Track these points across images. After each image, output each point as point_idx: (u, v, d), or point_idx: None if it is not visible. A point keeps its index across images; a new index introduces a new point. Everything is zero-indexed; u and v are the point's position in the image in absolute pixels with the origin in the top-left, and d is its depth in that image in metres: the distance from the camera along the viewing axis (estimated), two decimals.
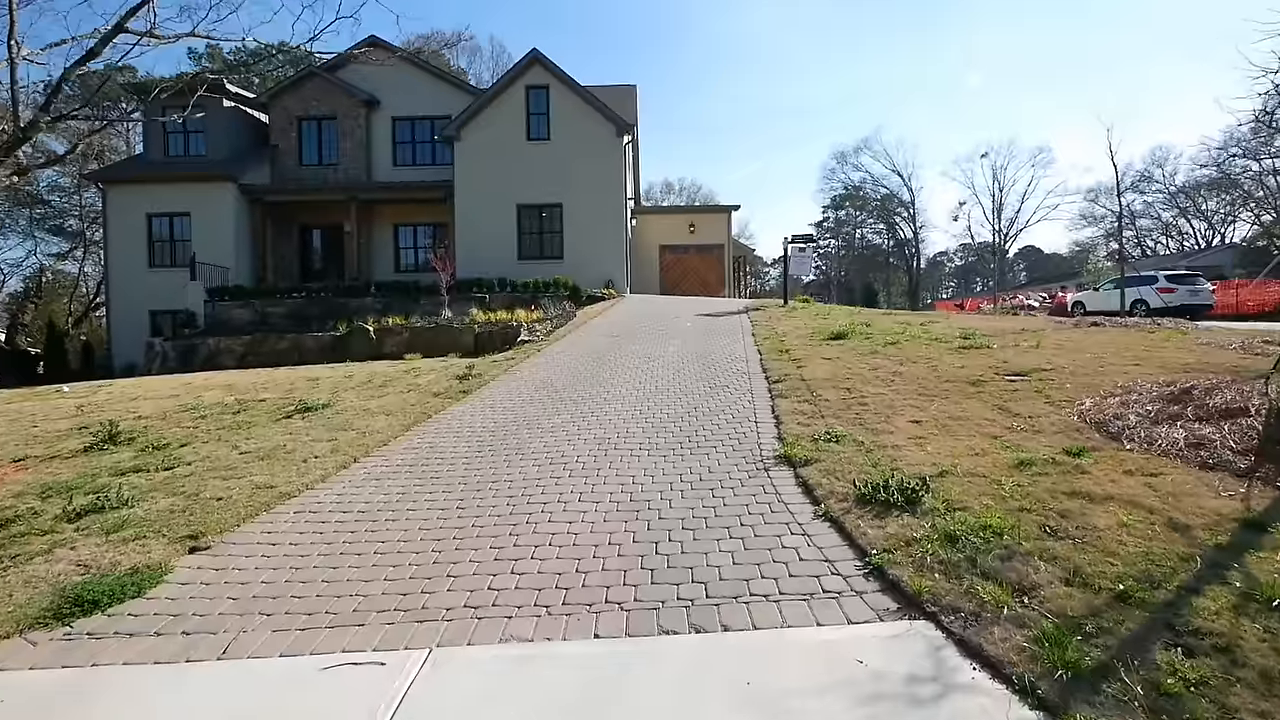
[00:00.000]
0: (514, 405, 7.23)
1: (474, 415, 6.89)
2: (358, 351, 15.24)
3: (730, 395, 7.00)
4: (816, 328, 11.29)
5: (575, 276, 19.07)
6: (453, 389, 8.16)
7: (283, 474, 5.21)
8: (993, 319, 14.07)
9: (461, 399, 7.64)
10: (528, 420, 6.56)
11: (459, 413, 7.04)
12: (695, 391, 7.27)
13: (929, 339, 9.60)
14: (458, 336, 15.09)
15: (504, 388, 8.15)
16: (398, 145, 22.62)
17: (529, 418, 6.64)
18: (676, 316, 14.28)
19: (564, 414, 6.69)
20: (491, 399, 7.58)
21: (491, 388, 8.18)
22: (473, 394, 7.88)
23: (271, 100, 22.35)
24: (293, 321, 18.07)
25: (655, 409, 6.64)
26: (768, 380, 7.49)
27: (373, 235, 22.51)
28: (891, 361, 7.96)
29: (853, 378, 7.18)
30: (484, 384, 8.39)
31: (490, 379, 8.66)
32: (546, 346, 11.22)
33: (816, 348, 9.25)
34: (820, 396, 6.49)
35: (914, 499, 3.87)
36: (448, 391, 8.02)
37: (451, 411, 7.11)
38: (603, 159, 20.43)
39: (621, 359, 9.56)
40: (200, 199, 20.47)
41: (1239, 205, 49.92)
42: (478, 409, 7.15)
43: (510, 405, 7.23)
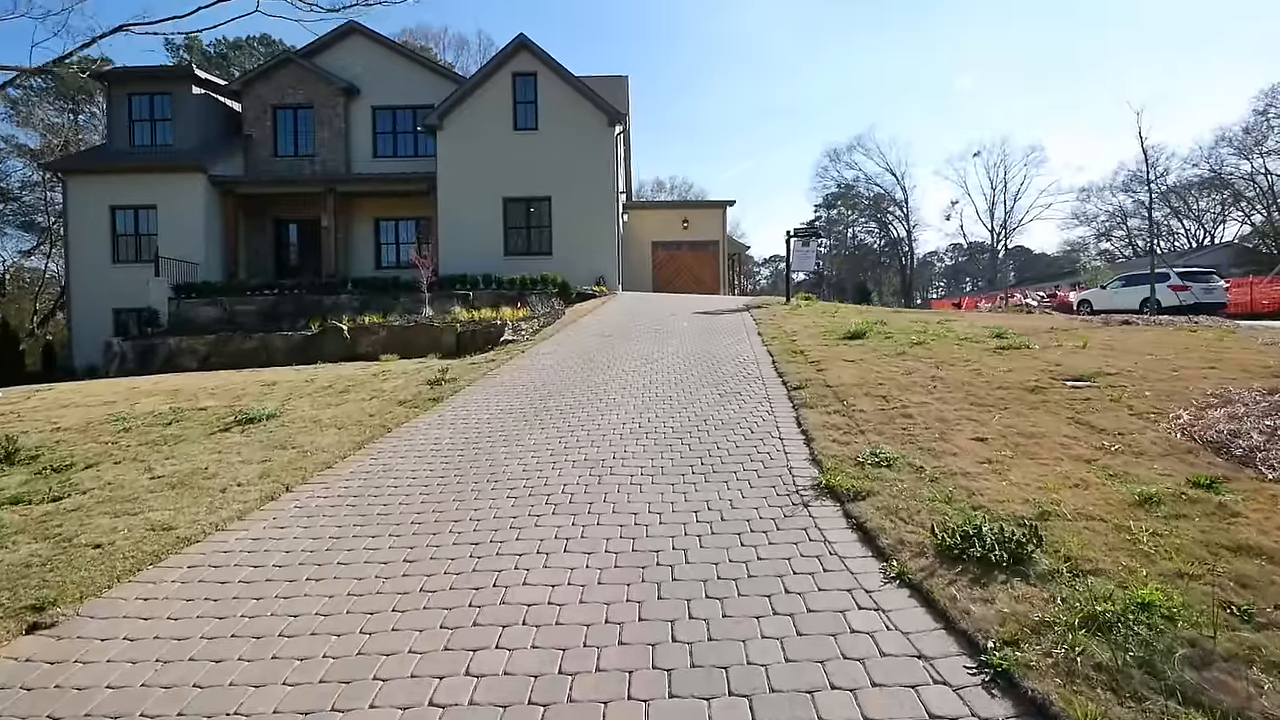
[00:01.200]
0: (491, 416, 6.12)
1: (442, 428, 5.78)
2: (330, 352, 14.08)
3: (744, 404, 5.93)
4: (828, 326, 10.26)
5: (565, 273, 17.96)
6: (421, 396, 7.03)
7: (191, 509, 4.08)
8: (1012, 317, 13.10)
9: (430, 408, 6.51)
10: (505, 435, 5.45)
11: (425, 425, 5.92)
12: (703, 399, 6.20)
13: (957, 338, 8.59)
14: (438, 336, 13.97)
15: (481, 394, 7.04)
16: (378, 136, 21.37)
17: (507, 432, 5.54)
18: (673, 314, 13.20)
19: (549, 428, 5.59)
20: (465, 408, 6.46)
21: (466, 394, 7.06)
22: (444, 402, 6.76)
23: (244, 88, 21.04)
24: (263, 320, 16.83)
25: (657, 421, 5.56)
26: (786, 386, 6.42)
27: (352, 230, 21.26)
28: (924, 364, 6.92)
29: (886, 383, 6.13)
30: (458, 390, 7.27)
31: (466, 384, 7.54)
32: (532, 347, 10.11)
33: (833, 348, 8.21)
34: (853, 407, 5.44)
35: (1021, 554, 2.81)
36: (415, 399, 6.90)
37: (416, 424, 5.98)
38: (593, 150, 19.32)
39: (615, 361, 8.48)
40: (167, 191, 19.13)
41: (1229, 205, 49.63)
42: (447, 421, 6.03)
43: (486, 416, 6.13)
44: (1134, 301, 19.37)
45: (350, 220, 21.19)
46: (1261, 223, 46.05)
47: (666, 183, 64.74)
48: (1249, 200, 47.24)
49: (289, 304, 17.10)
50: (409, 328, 14.34)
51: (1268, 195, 45.30)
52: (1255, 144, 44.51)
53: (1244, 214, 48.57)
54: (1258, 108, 42.82)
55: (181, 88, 20.17)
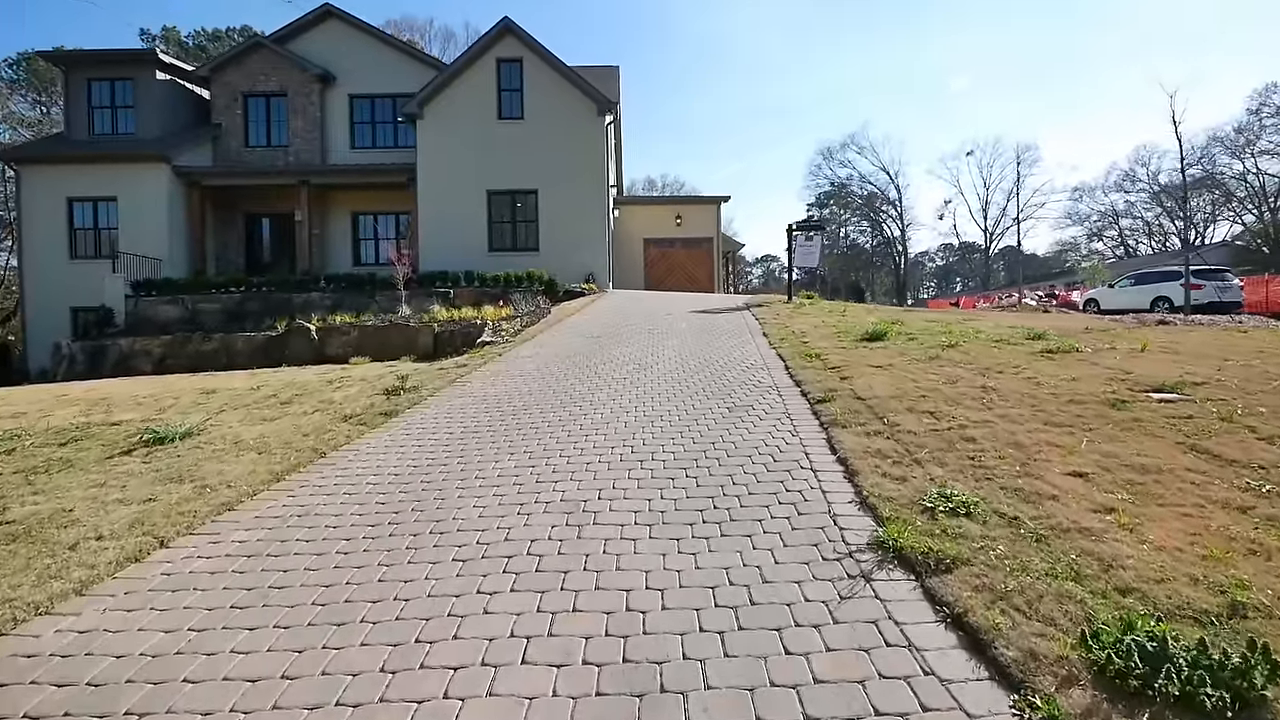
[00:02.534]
0: (451, 436, 4.98)
1: (388, 453, 4.63)
2: (296, 354, 12.89)
3: (760, 422, 4.83)
4: (840, 326, 9.19)
5: (552, 270, 16.82)
6: (374, 409, 5.88)
7: (12, 579, 2.93)
8: (1032, 316, 12.10)
9: (380, 425, 5.37)
10: (464, 464, 4.32)
11: (368, 449, 4.77)
12: (709, 416, 5.10)
13: (990, 339, 7.54)
14: (414, 337, 12.82)
15: (444, 407, 5.90)
16: (356, 125, 20.12)
17: (467, 459, 4.41)
18: (668, 314, 12.10)
19: (519, 453, 4.47)
20: (421, 425, 5.32)
21: (426, 408, 5.91)
22: (399, 417, 5.61)
23: (213, 74, 19.72)
24: (227, 320, 15.57)
25: (654, 445, 4.45)
26: (807, 398, 5.33)
27: (328, 225, 20.00)
28: (966, 370, 5.86)
29: (929, 394, 5.06)
30: (419, 401, 6.12)
31: (429, 394, 6.39)
32: (511, 350, 8.97)
33: (853, 351, 7.13)
34: (898, 426, 4.36)
35: (1246, 694, 1.74)
36: (366, 413, 5.74)
37: (358, 446, 4.84)
38: (582, 141, 18.18)
39: (604, 366, 7.36)
40: (129, 182, 17.79)
41: (1220, 205, 49.18)
42: (396, 443, 4.88)
43: (445, 436, 4.99)
44: (1145, 300, 18.49)
45: (326, 215, 19.94)
46: (1253, 222, 45.66)
47: (658, 181, 63.70)
48: (1240, 200, 46.83)
49: (256, 302, 15.85)
50: (382, 328, 13.18)
51: (1259, 195, 44.87)
52: (1247, 144, 44.10)
53: (1235, 214, 48.18)
54: (1251, 107, 42.40)
55: (145, 73, 18.83)
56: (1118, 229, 53.95)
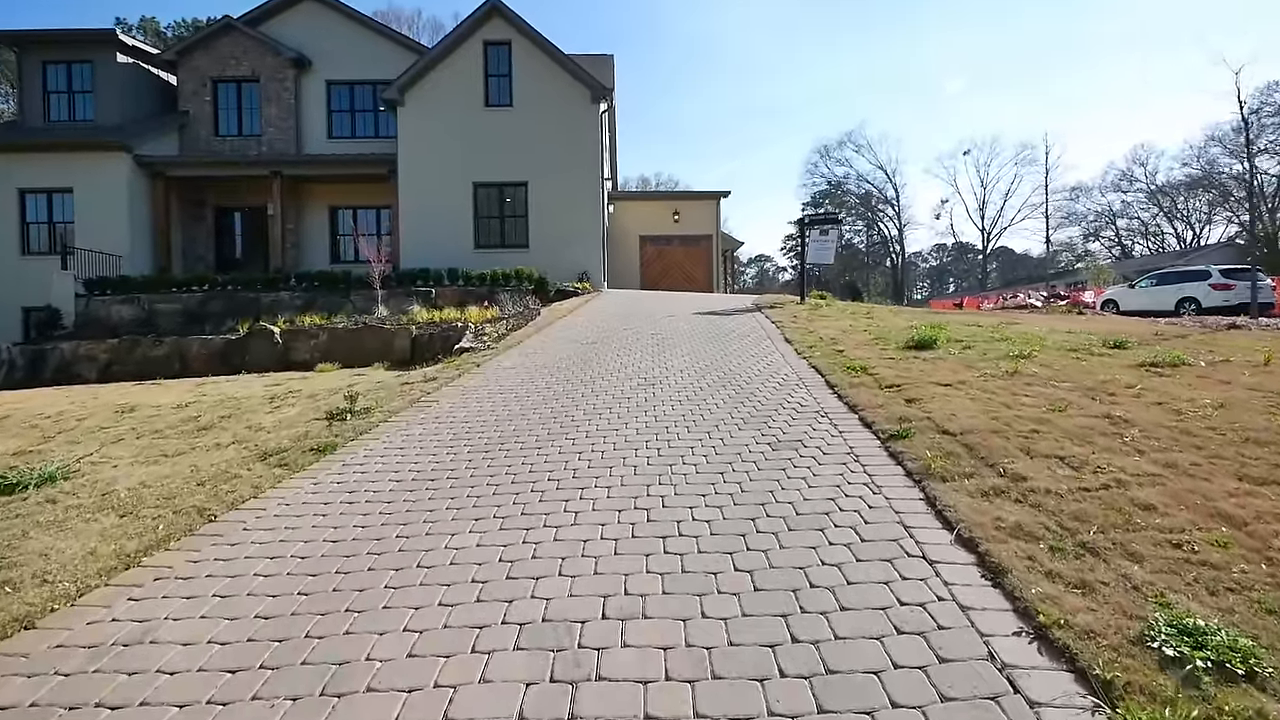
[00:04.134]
0: (393, 488, 3.61)
1: (301, 517, 3.25)
2: (258, 359, 11.46)
3: (820, 467, 3.50)
4: (873, 330, 7.89)
5: (543, 268, 15.42)
6: (306, 440, 4.50)
7: None
8: (1072, 319, 10.83)
9: (305, 467, 3.98)
10: (405, 537, 2.95)
11: (276, 509, 3.38)
12: (745, 456, 3.76)
13: (1065, 350, 6.24)
14: (390, 340, 11.43)
15: (396, 439, 4.52)
16: (333, 114, 18.63)
17: (408, 530, 3.03)
18: (670, 316, 10.76)
19: (485, 519, 3.10)
20: (361, 469, 3.95)
21: (374, 438, 4.53)
22: (333, 454, 4.23)
23: (180, 58, 18.17)
24: (187, 321, 14.08)
25: (679, 509, 3.09)
26: (872, 430, 4.00)
27: (304, 219, 18.51)
28: (1067, 391, 4.54)
29: (1040, 428, 3.74)
30: (367, 429, 4.74)
31: (382, 418, 5.01)
32: (493, 359, 7.59)
33: (904, 363, 5.81)
34: (1024, 480, 3.03)
35: None
36: (293, 447, 4.35)
37: (265, 503, 3.45)
38: (575, 130, 16.79)
39: (602, 382, 6.01)
40: (86, 172, 16.22)
41: (1216, 205, 48.35)
42: (319, 498, 3.51)
43: (386, 488, 3.62)
44: (1169, 301, 17.31)
45: (302, 209, 18.44)
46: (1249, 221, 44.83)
47: (651, 180, 62.35)
48: (1238, 200, 45.98)
49: (220, 302, 14.37)
50: (355, 330, 11.76)
51: (1258, 195, 44.02)
52: (1247, 143, 43.22)
53: (1232, 213, 47.33)
54: (1251, 106, 41.50)
55: (104, 55, 17.27)
56: (1114, 229, 53.09)
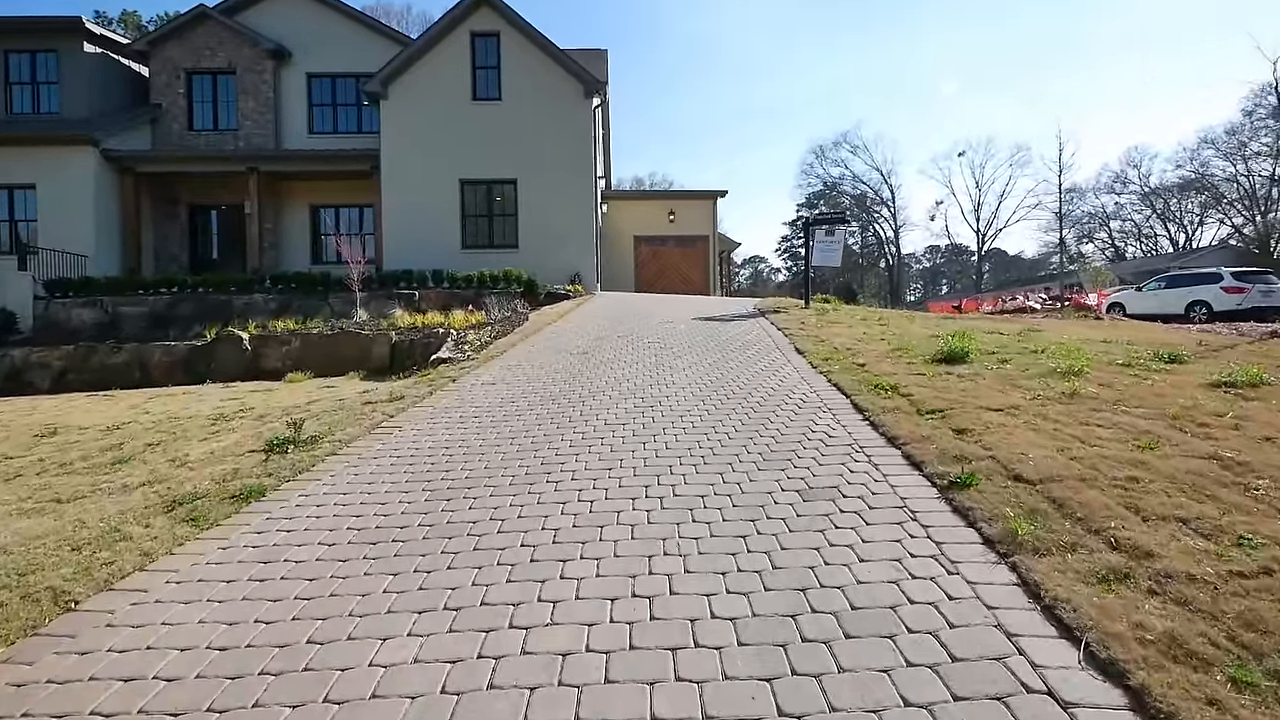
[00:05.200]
0: (324, 556, 2.79)
1: (189, 606, 2.39)
2: (225, 367, 10.62)
3: (869, 530, 2.71)
4: (891, 340, 7.12)
5: (533, 270, 14.59)
6: (235, 480, 3.67)
7: None
8: (1101, 326, 10.13)
9: (221, 522, 3.15)
10: (318, 644, 2.14)
11: (165, 589, 2.53)
12: (771, 511, 2.96)
13: (1109, 363, 5.49)
14: (368, 347, 10.62)
15: (341, 480, 3.70)
16: (314, 108, 17.73)
17: (326, 632, 2.22)
18: (667, 321, 9.97)
19: (431, 618, 2.29)
20: (287, 525, 3.12)
21: (314, 480, 3.70)
22: (261, 501, 3.40)
23: (152, 49, 17.22)
24: (153, 325, 13.17)
25: (691, 597, 2.31)
26: (924, 473, 3.22)
27: (283, 218, 17.60)
28: (1151, 422, 3.76)
29: (1140, 474, 2.96)
30: (309, 466, 3.92)
31: (328, 451, 4.18)
32: (471, 372, 6.77)
33: (938, 381, 5.04)
34: (1155, 558, 2.26)
35: None
36: (214, 492, 3.52)
37: (154, 578, 2.61)
38: (567, 125, 15.97)
39: (593, 402, 5.22)
40: (49, 167, 15.24)
41: (1209, 207, 48.04)
42: (223, 571, 2.65)
43: (314, 554, 2.80)
44: (1179, 305, 16.70)
45: (281, 207, 17.53)
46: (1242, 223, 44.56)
47: (646, 180, 61.49)
48: (1230, 202, 45.67)
49: (189, 305, 13.46)
50: (330, 336, 10.93)
51: (1250, 197, 43.74)
52: (1239, 146, 42.94)
53: (1224, 215, 47.03)
54: (1246, 108, 41.18)
55: (71, 44, 16.30)
56: (1108, 231, 52.75)
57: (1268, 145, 41.06)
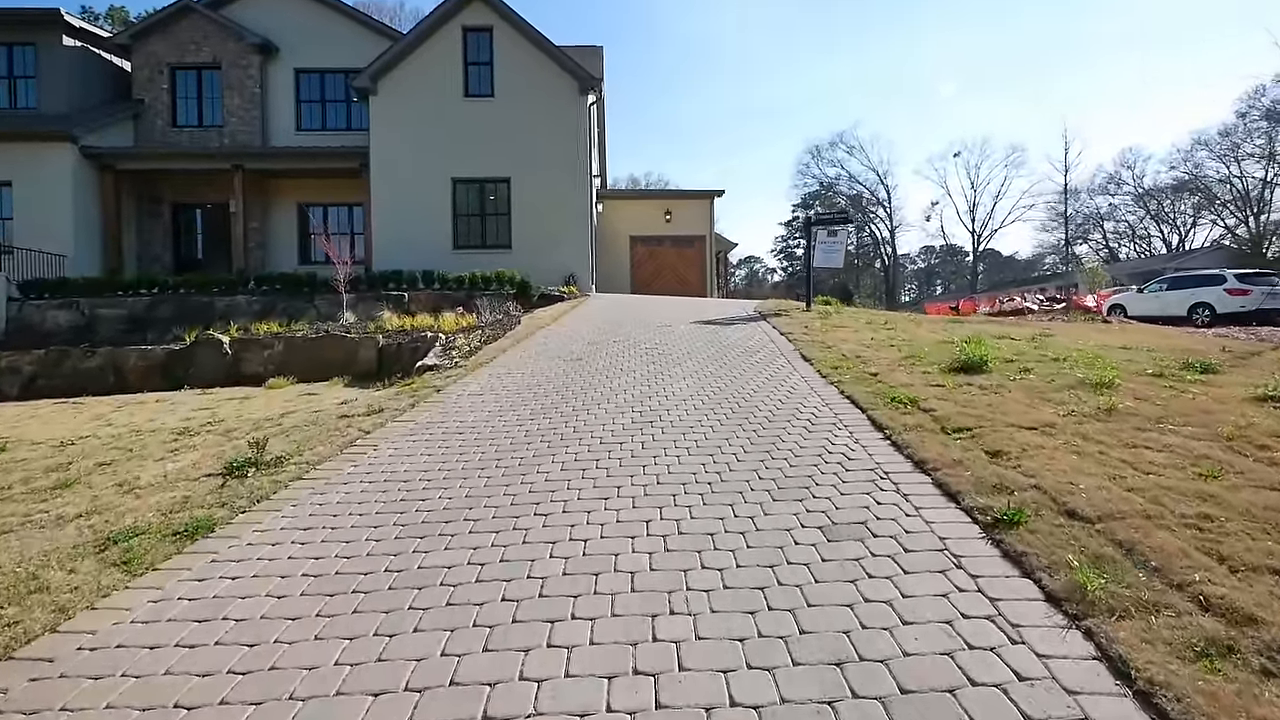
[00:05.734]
0: (270, 609, 2.38)
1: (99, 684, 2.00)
2: (204, 372, 10.14)
3: (904, 580, 2.32)
4: (899, 346, 6.74)
5: (527, 270, 14.17)
6: (185, 510, 3.24)
7: None
8: (1105, 330, 9.78)
9: (159, 563, 2.72)
10: None
11: (77, 661, 2.12)
12: (790, 552, 2.57)
13: (1137, 373, 5.13)
14: (354, 350, 10.17)
15: (302, 511, 3.28)
16: (302, 104, 17.23)
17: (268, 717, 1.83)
18: (665, 324, 9.57)
19: (391, 701, 1.90)
20: (234, 569, 2.69)
21: (272, 511, 3.27)
22: (209, 537, 2.97)
23: (135, 43, 16.69)
24: (132, 328, 12.69)
25: (696, 672, 1.92)
26: (961, 506, 2.83)
27: (270, 217, 17.10)
28: (1206, 444, 3.36)
29: (1209, 509, 2.58)
30: (270, 493, 3.49)
31: (294, 475, 3.75)
32: (458, 380, 6.34)
33: (959, 394, 4.66)
34: (1256, 623, 1.89)
35: None
36: (156, 528, 3.08)
37: (65, 642, 2.19)
38: (562, 123, 15.54)
39: (587, 416, 4.81)
40: (26, 164, 14.70)
41: (1202, 208, 47.99)
42: (149, 634, 2.24)
43: (260, 610, 2.38)
44: (1181, 307, 16.41)
45: (268, 206, 17.03)
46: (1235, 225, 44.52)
47: (642, 180, 61.06)
48: (1223, 203, 45.62)
49: (169, 307, 12.98)
50: (315, 340, 10.47)
51: (1243, 199, 43.69)
52: (1233, 147, 42.88)
53: (1217, 216, 46.98)
54: (1240, 110, 41.11)
55: (49, 37, 15.76)
56: (1102, 232, 52.66)
57: (1260, 147, 41.03)
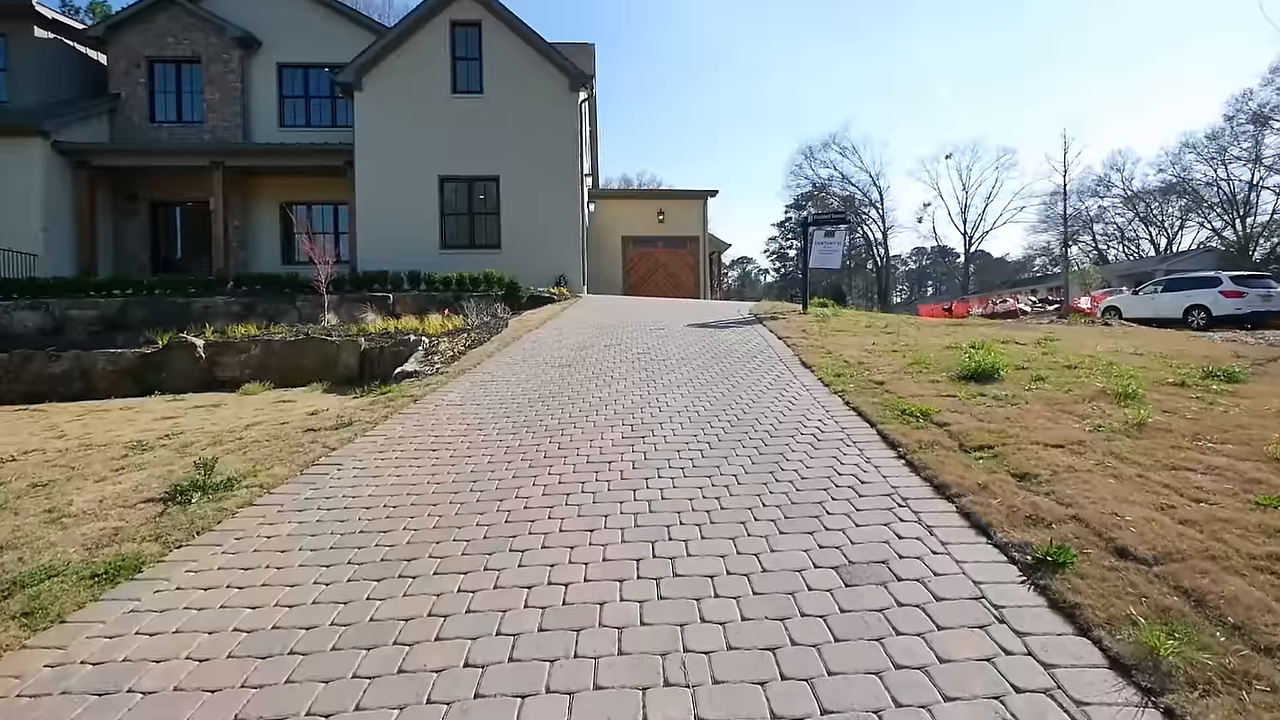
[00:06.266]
0: (188, 685, 1.99)
1: None
2: (177, 377, 9.65)
3: (939, 639, 1.96)
4: (902, 351, 6.41)
5: (516, 271, 13.76)
6: (114, 543, 2.83)
7: None
8: (1109, 333, 9.50)
9: (65, 615, 2.32)
10: None
11: None
12: (798, 597, 2.22)
13: (1156, 381, 4.81)
14: (334, 355, 9.72)
15: (248, 543, 2.88)
16: (285, 100, 16.74)
17: None
18: (658, 327, 9.21)
19: None
20: (154, 625, 2.30)
21: (213, 545, 2.86)
22: (135, 579, 2.57)
23: (110, 35, 16.13)
24: (104, 330, 12.18)
25: None
26: (1000, 547, 2.48)
27: (252, 216, 16.59)
28: (1254, 466, 3.05)
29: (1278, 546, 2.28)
30: (214, 523, 3.08)
31: (245, 500, 3.34)
32: (437, 390, 5.95)
33: (977, 406, 4.33)
34: None
35: None
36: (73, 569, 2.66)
37: None
38: (552, 120, 15.15)
39: (572, 431, 4.44)
40: None
41: (1190, 211, 48.19)
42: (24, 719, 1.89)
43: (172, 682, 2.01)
44: (1177, 310, 16.27)
45: (250, 205, 16.53)
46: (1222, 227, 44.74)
47: (635, 179, 60.73)
48: (1210, 206, 45.82)
49: (143, 309, 12.47)
50: (294, 343, 10.00)
51: (1230, 201, 43.88)
52: (1220, 150, 43.07)
53: (1204, 218, 47.18)
54: (1227, 113, 41.31)
55: (20, 28, 15.19)
56: (1092, 234, 52.82)
57: (1247, 151, 41.24)
